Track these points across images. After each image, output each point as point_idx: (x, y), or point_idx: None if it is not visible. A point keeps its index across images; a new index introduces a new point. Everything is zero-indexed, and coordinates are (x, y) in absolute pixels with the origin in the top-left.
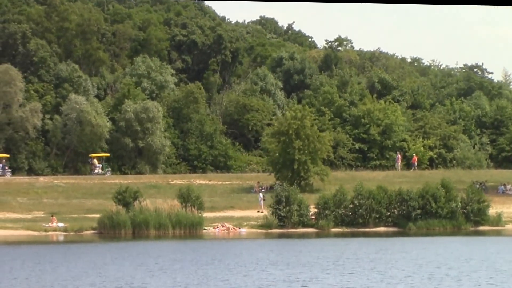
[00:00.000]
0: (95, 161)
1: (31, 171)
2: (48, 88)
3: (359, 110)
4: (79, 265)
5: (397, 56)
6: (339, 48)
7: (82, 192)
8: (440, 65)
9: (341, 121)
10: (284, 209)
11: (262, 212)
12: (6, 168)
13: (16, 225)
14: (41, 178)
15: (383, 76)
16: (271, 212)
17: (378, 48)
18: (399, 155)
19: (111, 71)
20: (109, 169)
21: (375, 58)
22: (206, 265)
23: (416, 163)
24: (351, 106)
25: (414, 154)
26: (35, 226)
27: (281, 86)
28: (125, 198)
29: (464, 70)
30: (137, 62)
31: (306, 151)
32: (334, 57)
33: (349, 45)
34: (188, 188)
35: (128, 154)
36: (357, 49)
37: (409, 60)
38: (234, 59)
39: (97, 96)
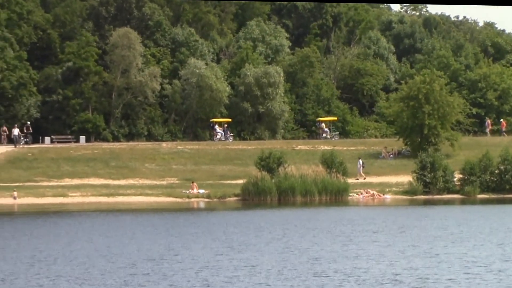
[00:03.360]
0: (323, 125)
1: (150, 137)
2: (165, 52)
3: (475, 74)
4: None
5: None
6: (414, 12)
7: (209, 158)
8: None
9: (458, 85)
10: (429, 175)
11: (359, 179)
12: (229, 132)
13: (156, 192)
14: (164, 144)
15: (497, 40)
16: (415, 178)
17: (437, 12)
18: (488, 121)
19: (220, 35)
20: (337, 133)
21: (458, 22)
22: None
23: (504, 128)
24: (466, 70)
25: (502, 120)
26: (175, 192)
27: (394, 50)
28: (268, 164)
29: None
30: (250, 25)
31: (436, 116)
32: (434, 20)
33: (424, 9)
34: (331, 154)
35: (247, 120)
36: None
37: (481, 24)
38: (335, 24)
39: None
